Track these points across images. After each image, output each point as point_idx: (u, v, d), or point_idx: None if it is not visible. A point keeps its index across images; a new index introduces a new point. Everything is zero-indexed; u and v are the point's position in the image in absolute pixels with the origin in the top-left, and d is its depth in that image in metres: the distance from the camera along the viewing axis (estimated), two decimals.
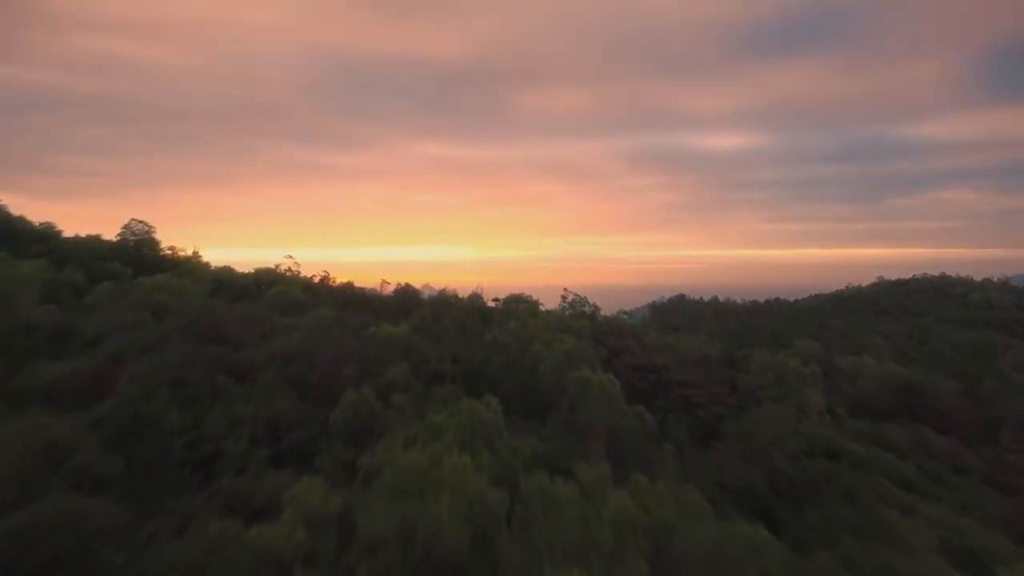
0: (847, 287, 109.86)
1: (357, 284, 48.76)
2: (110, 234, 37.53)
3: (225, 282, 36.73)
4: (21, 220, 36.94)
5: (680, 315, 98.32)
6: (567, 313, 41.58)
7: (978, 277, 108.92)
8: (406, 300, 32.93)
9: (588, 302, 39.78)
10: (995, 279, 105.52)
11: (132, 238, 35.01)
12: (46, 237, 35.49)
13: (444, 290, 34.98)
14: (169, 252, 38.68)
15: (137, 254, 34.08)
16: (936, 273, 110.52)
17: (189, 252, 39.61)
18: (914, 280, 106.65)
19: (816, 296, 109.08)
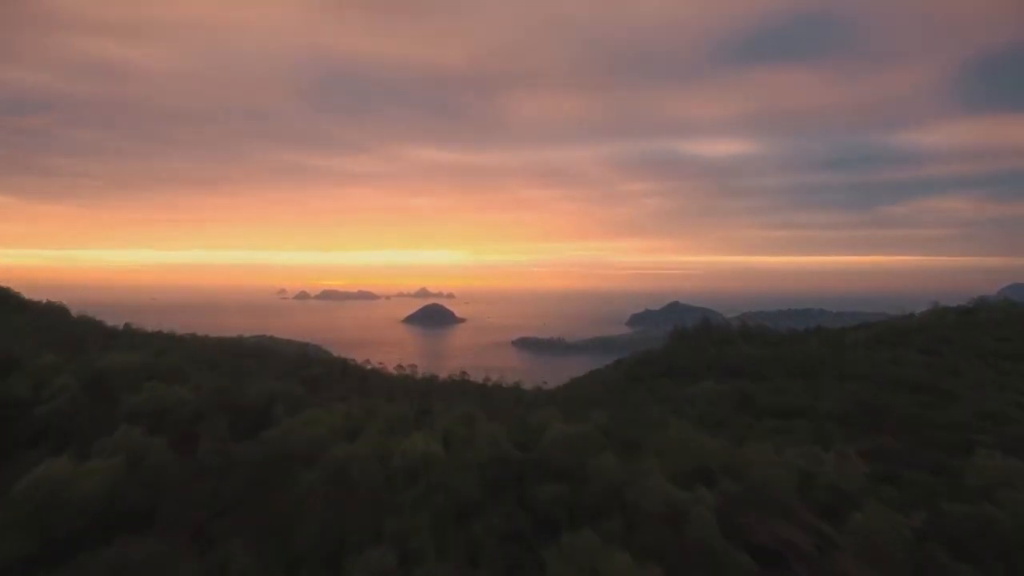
0: (906, 315, 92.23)
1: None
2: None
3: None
4: None
5: (716, 351, 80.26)
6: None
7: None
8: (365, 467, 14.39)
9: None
10: None
11: None
12: None
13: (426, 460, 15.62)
14: None
15: None
16: (993, 293, 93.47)
17: None
18: (979, 308, 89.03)
19: (867, 327, 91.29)
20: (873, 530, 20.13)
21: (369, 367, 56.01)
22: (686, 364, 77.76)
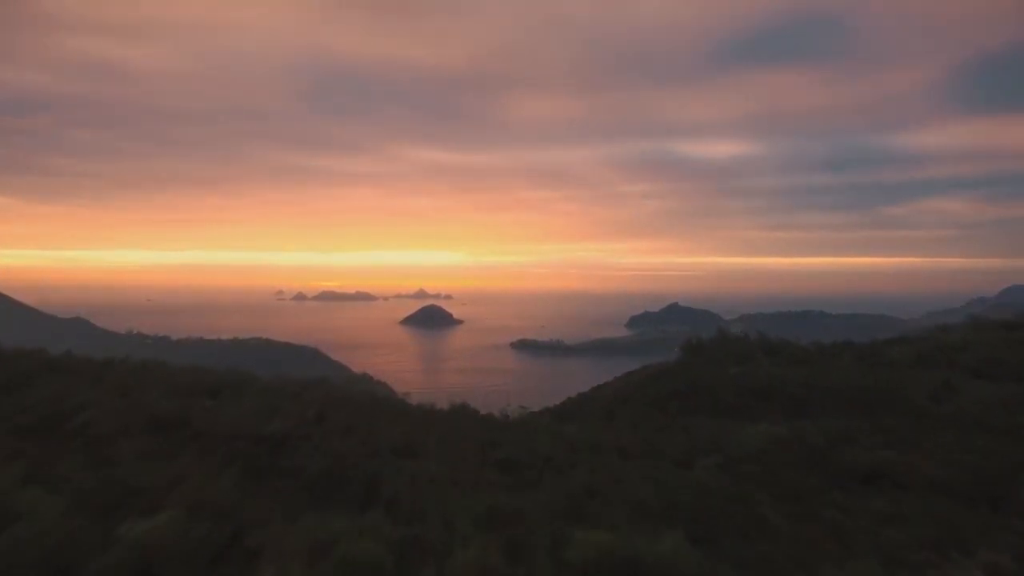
0: (936, 329, 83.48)
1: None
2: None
3: None
4: None
5: (738, 370, 71.02)
6: None
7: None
8: None
9: None
10: None
11: None
12: None
13: None
14: None
15: None
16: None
17: None
18: (1022, 322, 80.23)
19: (905, 342, 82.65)
20: None
21: (357, 393, 47.53)
22: (706, 387, 69.25)
